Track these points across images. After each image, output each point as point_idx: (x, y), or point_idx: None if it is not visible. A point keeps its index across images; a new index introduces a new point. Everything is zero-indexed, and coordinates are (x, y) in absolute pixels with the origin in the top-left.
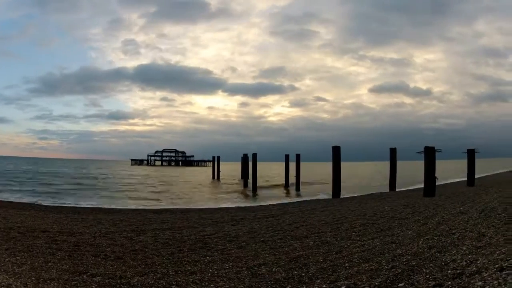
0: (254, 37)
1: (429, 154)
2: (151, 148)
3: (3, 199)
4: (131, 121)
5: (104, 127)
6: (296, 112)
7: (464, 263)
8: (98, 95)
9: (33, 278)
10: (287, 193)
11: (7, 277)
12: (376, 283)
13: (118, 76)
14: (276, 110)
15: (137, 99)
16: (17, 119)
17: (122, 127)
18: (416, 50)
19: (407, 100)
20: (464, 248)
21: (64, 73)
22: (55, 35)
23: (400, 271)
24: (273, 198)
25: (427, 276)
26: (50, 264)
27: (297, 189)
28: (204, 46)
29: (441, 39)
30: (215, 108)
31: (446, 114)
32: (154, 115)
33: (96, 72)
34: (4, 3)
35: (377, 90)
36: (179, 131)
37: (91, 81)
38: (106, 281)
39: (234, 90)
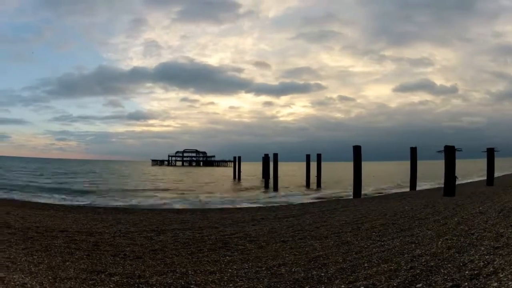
0: (277, 37)
1: (449, 153)
2: (170, 149)
3: (23, 199)
4: (150, 121)
5: (122, 127)
6: (317, 112)
7: (482, 263)
8: (117, 96)
9: (50, 277)
10: (308, 193)
11: (22, 276)
12: (395, 284)
13: (138, 76)
14: (297, 110)
15: (156, 100)
16: (35, 120)
17: (140, 127)
18: (437, 49)
19: (428, 98)
20: (482, 248)
21: (83, 74)
22: (73, 36)
23: (418, 271)
24: (294, 198)
25: (445, 277)
26: (68, 263)
27: (318, 188)
28: (226, 47)
29: (461, 38)
30: (235, 108)
31: (466, 112)
32: (174, 116)
33: (115, 73)
34: (21, 7)
35: (398, 89)
36: (199, 131)
37: (109, 82)
38: (125, 280)
39: (255, 90)
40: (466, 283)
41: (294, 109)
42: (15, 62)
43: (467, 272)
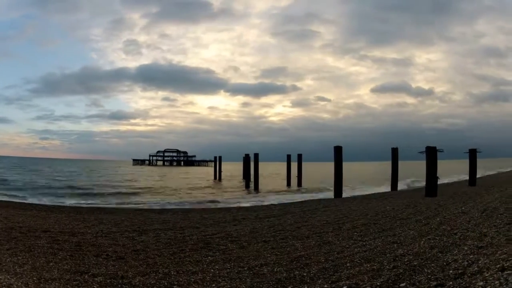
0: (255, 37)
1: (431, 154)
2: (153, 148)
3: (4, 199)
4: (132, 121)
5: (105, 127)
6: (297, 112)
7: (466, 263)
8: (100, 95)
9: (35, 278)
10: (289, 193)
11: (8, 277)
12: (378, 283)
13: (120, 76)
14: (278, 110)
15: (138, 99)
16: (18, 119)
17: (123, 127)
18: (418, 50)
19: (409, 100)
20: (466, 248)
21: (65, 73)
22: (56, 35)
23: (401, 271)
24: (274, 198)
25: (429, 276)
26: (51, 264)
27: (299, 188)
28: (206, 46)
29: (442, 39)
30: (216, 108)
31: (448, 114)
32: (156, 115)
33: (98, 72)
34: (4, 3)
35: (379, 90)
36: (181, 131)
37: (92, 81)
38: (108, 281)
39: (235, 90)
40: (451, 282)
41: (277, 110)
42: None
43: (451, 271)
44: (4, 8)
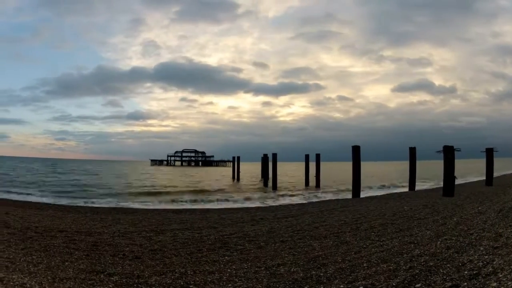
0: (275, 38)
1: (448, 154)
2: (169, 149)
3: (22, 199)
4: (149, 121)
5: (121, 127)
6: (316, 112)
7: (481, 263)
8: (116, 95)
9: (49, 277)
10: (307, 193)
11: (21, 276)
12: (394, 284)
13: (137, 76)
14: (296, 110)
15: (155, 100)
16: (34, 120)
17: (139, 128)
18: (436, 49)
19: (427, 99)
20: (481, 248)
21: (82, 74)
22: (72, 36)
23: (417, 271)
24: (293, 198)
25: (444, 277)
26: (67, 263)
27: (317, 188)
28: (225, 47)
29: (460, 39)
30: (235, 108)
31: (465, 112)
32: (173, 116)
33: (115, 73)
34: (20, 6)
35: (397, 89)
36: (198, 131)
37: (109, 82)
38: (124, 280)
39: (254, 90)
40: (465, 283)
41: (293, 109)
42: (14, 62)
43: (466, 272)
44: (19, 10)
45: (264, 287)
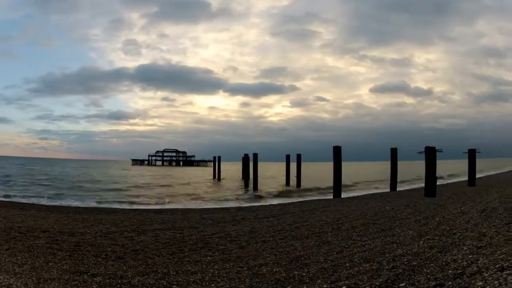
0: (255, 37)
1: (430, 154)
2: (152, 148)
3: (4, 199)
4: (131, 121)
5: (104, 127)
6: (296, 112)
7: (465, 263)
8: (99, 95)
9: (34, 278)
10: (288, 193)
11: (7, 277)
12: (377, 283)
13: (119, 76)
14: (277, 110)
15: (138, 99)
16: (17, 119)
17: (122, 127)
18: (417, 50)
19: (408, 100)
20: (465, 248)
21: (65, 73)
22: (56, 35)
23: (401, 271)
24: (274, 198)
25: (428, 276)
26: (50, 264)
27: (298, 188)
28: (205, 46)
29: (442, 39)
30: (216, 108)
31: (447, 114)
32: (155, 115)
33: (97, 72)
34: (4, 3)
35: (378, 90)
36: (180, 131)
37: (91, 81)
38: (107, 281)
39: (234, 90)
40: (450, 282)
41: (275, 109)
42: None
43: (450, 271)
44: (4, 8)
45: (247, 287)
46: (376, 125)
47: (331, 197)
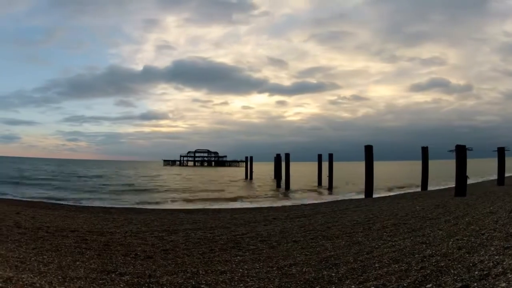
0: (289, 38)
1: (460, 153)
2: (180, 149)
3: (33, 200)
4: (160, 122)
5: (132, 128)
6: (329, 112)
7: (491, 264)
8: (128, 96)
9: (59, 277)
10: (320, 193)
11: (31, 275)
12: (405, 284)
13: (149, 76)
14: (309, 110)
15: (167, 100)
16: (45, 121)
17: (150, 128)
18: (448, 48)
19: (441, 97)
20: (492, 248)
21: (94, 75)
22: (85, 38)
23: (428, 272)
24: (305, 198)
25: (455, 277)
26: (78, 263)
27: (330, 188)
28: (240, 47)
29: (475, 37)
30: (247, 108)
31: (479, 111)
32: (184, 116)
33: (126, 73)
34: (32, 9)
35: (412, 89)
36: (209, 131)
37: (120, 82)
38: (135, 280)
39: (267, 90)
40: (475, 284)
41: (306, 109)
42: (27, 64)
43: (476, 272)
44: (32, 13)
45: (275, 287)
46: (410, 123)
47: (363, 196)
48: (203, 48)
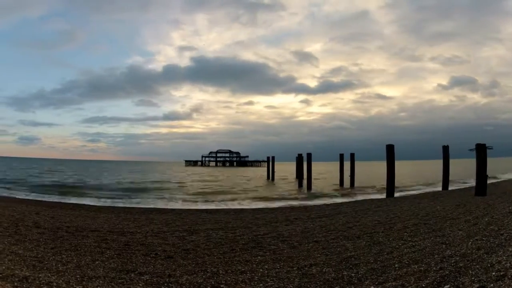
0: (314, 37)
1: (481, 152)
2: (199, 149)
3: (52, 200)
4: (180, 122)
5: (151, 129)
6: (354, 111)
7: (508, 264)
8: (149, 97)
9: (78, 276)
10: (341, 193)
11: (48, 275)
12: (423, 285)
13: (170, 76)
14: (334, 110)
15: (187, 100)
16: (65, 122)
17: (168, 129)
18: (475, 46)
19: (469, 95)
20: (510, 249)
21: (114, 76)
22: (105, 38)
23: (447, 272)
24: (327, 197)
25: (472, 278)
26: (97, 262)
27: (352, 188)
28: (264, 47)
29: (500, 36)
30: (271, 107)
31: (505, 109)
32: (204, 116)
33: (146, 74)
34: (52, 11)
35: (436, 88)
36: (227, 132)
37: (141, 83)
38: (154, 279)
39: (291, 90)
40: (492, 284)
41: (333, 109)
42: (47, 65)
43: (493, 273)
44: (51, 15)
45: (295, 287)
46: (434, 122)
47: (384, 196)
48: (225, 48)
